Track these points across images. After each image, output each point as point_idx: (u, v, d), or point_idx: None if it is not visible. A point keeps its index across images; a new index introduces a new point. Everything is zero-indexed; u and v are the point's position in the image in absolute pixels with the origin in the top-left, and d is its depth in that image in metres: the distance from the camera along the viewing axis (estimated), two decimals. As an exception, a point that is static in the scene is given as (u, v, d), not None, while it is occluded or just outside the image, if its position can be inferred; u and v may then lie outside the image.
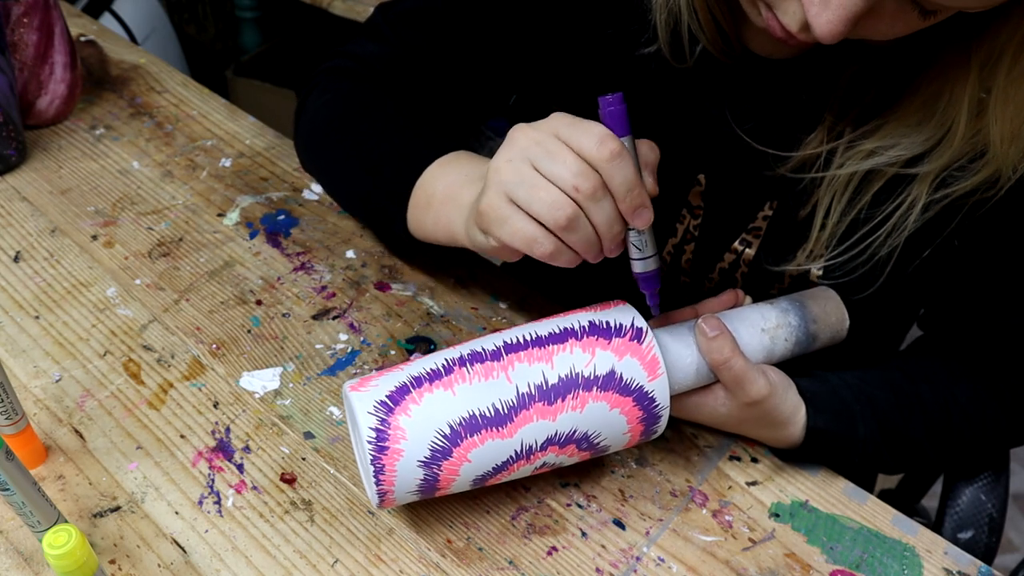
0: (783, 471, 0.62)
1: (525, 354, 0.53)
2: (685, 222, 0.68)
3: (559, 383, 0.52)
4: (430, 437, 0.51)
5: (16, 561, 0.54)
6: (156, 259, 0.75)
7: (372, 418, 0.51)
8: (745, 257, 0.67)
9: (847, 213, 0.61)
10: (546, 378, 0.52)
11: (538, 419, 0.52)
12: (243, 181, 0.83)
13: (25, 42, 0.84)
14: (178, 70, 0.98)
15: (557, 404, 0.52)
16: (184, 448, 0.61)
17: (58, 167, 0.84)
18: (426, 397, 0.51)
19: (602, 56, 0.66)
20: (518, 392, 0.52)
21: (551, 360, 0.53)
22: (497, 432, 0.52)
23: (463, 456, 0.51)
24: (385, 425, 0.51)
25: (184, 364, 0.66)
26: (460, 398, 0.51)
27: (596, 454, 0.56)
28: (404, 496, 0.53)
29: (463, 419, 0.51)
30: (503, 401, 0.52)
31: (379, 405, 0.51)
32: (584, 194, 0.48)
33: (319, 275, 0.74)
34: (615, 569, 0.56)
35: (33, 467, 0.59)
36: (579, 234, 0.49)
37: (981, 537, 0.74)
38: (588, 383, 0.52)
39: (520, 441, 0.52)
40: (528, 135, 0.50)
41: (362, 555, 0.56)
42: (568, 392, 0.52)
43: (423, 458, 0.51)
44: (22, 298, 0.71)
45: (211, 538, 0.56)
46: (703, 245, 0.68)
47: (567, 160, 0.48)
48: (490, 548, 0.56)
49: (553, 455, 0.54)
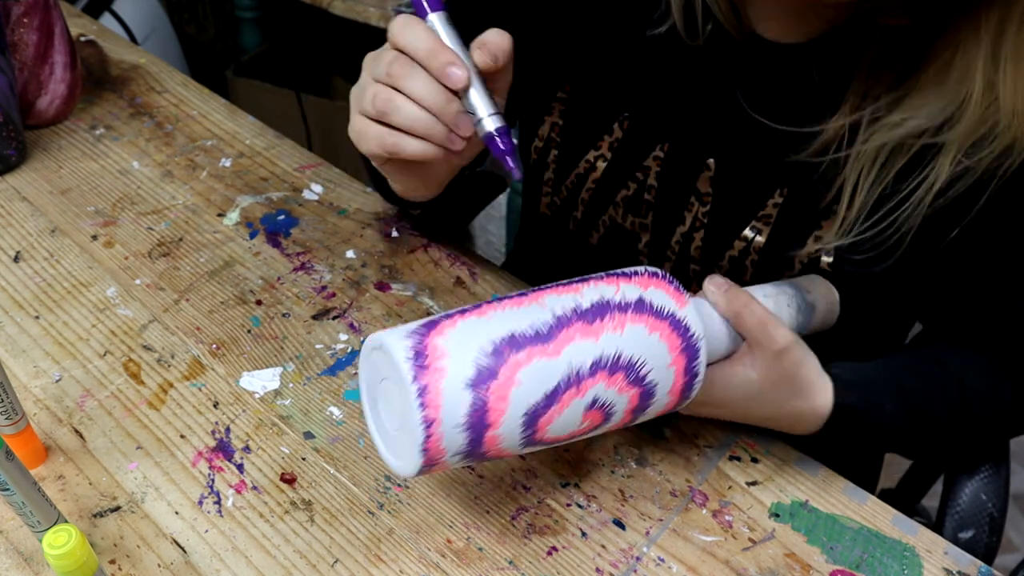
0: (783, 471, 0.62)
1: (551, 290, 0.51)
2: (694, 209, 0.68)
3: (592, 307, 0.50)
4: (473, 355, 0.47)
5: (16, 561, 0.54)
6: (156, 259, 0.75)
7: (407, 341, 0.47)
8: (755, 245, 0.67)
9: (874, 189, 0.60)
10: (579, 304, 0.50)
11: (580, 339, 0.49)
12: (243, 181, 0.83)
13: (25, 42, 0.84)
14: (178, 70, 0.98)
15: (596, 324, 0.50)
16: (184, 448, 0.61)
17: (58, 167, 0.84)
18: (460, 323, 0.48)
19: (613, 37, 0.66)
20: (554, 315, 0.49)
21: (580, 291, 0.51)
22: (542, 349, 0.48)
23: (511, 378, 0.47)
24: (422, 345, 0.46)
25: (184, 364, 0.66)
26: (496, 322, 0.48)
27: (646, 400, 0.53)
28: (452, 434, 0.47)
29: (504, 337, 0.47)
30: (542, 322, 0.49)
31: (411, 332, 0.47)
32: (395, 74, 0.51)
33: (319, 275, 0.74)
34: (615, 569, 0.56)
35: (33, 467, 0.59)
36: (402, 112, 0.51)
37: (982, 536, 0.74)
38: (622, 307, 0.51)
39: (568, 362, 0.49)
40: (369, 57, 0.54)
41: (362, 555, 0.56)
42: (604, 314, 0.50)
43: (469, 378, 0.46)
44: (22, 298, 0.71)
45: (211, 538, 0.56)
46: (712, 232, 0.68)
47: (380, 56, 0.52)
48: (490, 548, 0.56)
49: (603, 386, 0.50)
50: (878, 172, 0.60)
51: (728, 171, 0.66)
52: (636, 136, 0.68)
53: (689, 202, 0.68)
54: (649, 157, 0.68)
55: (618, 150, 0.69)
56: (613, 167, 0.69)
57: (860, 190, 0.60)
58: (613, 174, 0.70)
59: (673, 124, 0.67)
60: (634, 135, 0.68)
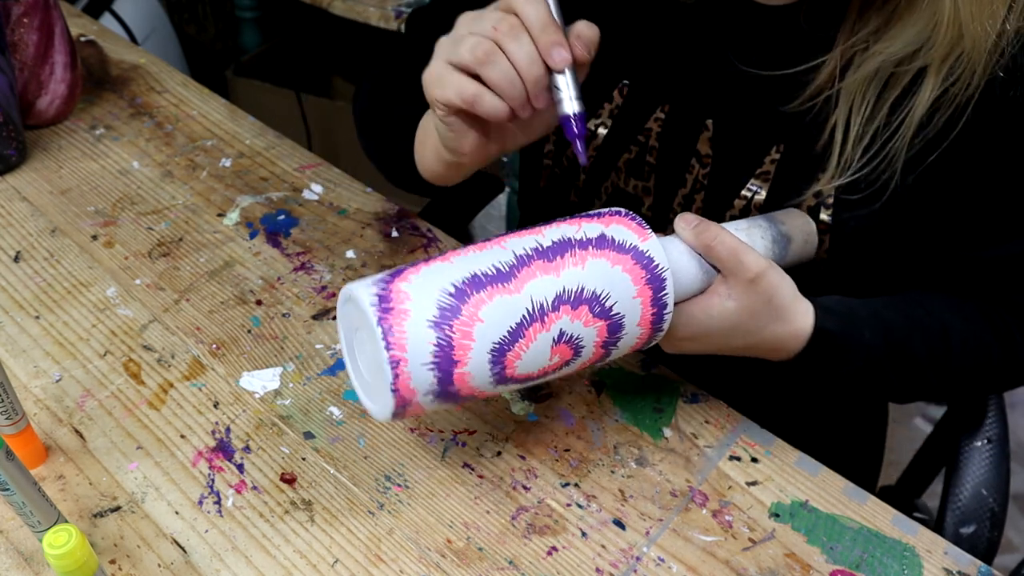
0: (783, 471, 0.62)
1: (515, 234, 0.53)
2: (694, 172, 0.69)
3: (553, 245, 0.52)
4: (436, 296, 0.49)
5: (16, 561, 0.54)
6: (156, 259, 0.75)
7: (373, 288, 0.49)
8: (755, 202, 0.67)
9: (864, 124, 0.61)
10: (540, 243, 0.53)
11: (541, 275, 0.51)
12: (243, 181, 0.83)
13: (25, 42, 0.84)
14: (178, 70, 0.98)
15: (557, 261, 0.52)
16: (184, 448, 0.61)
17: (58, 167, 0.84)
18: (423, 269, 0.51)
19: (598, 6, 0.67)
20: (515, 255, 0.52)
21: (542, 232, 0.53)
22: (503, 288, 0.50)
23: (474, 315, 0.49)
24: (386, 291, 0.49)
25: (184, 364, 0.66)
26: (458, 265, 0.51)
27: (614, 333, 0.54)
28: (420, 373, 0.49)
29: (465, 279, 0.50)
30: (502, 262, 0.51)
31: (377, 280, 0.50)
32: (502, 30, 0.52)
33: (319, 275, 0.74)
34: (615, 569, 0.56)
35: (33, 467, 0.59)
36: (499, 68, 0.52)
37: (983, 531, 0.74)
38: (582, 244, 0.53)
39: (529, 297, 0.50)
40: (467, 14, 0.55)
41: (362, 555, 0.56)
42: (565, 251, 0.52)
43: (432, 317, 0.48)
44: (22, 298, 0.71)
45: (211, 538, 0.56)
46: (712, 193, 0.69)
47: (490, 14, 0.53)
48: (490, 548, 0.57)
49: (568, 319, 0.52)
50: (866, 105, 0.61)
51: (726, 131, 0.67)
52: (636, 100, 0.69)
53: (690, 164, 0.69)
54: (650, 119, 0.69)
55: (618, 116, 0.70)
56: (614, 132, 0.71)
57: (852, 125, 0.61)
58: (614, 139, 0.71)
59: (672, 85, 0.68)
60: (634, 100, 0.69)
